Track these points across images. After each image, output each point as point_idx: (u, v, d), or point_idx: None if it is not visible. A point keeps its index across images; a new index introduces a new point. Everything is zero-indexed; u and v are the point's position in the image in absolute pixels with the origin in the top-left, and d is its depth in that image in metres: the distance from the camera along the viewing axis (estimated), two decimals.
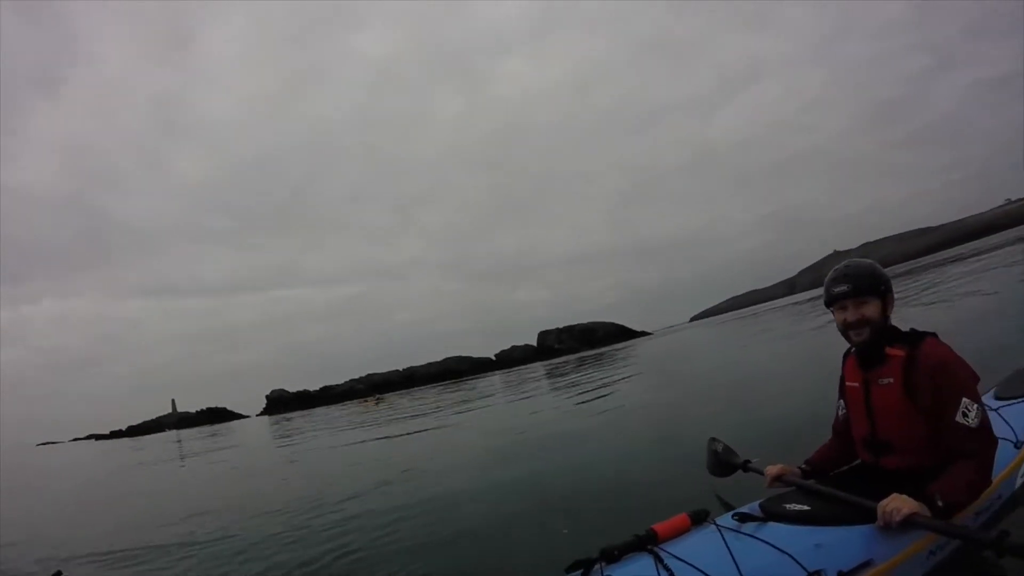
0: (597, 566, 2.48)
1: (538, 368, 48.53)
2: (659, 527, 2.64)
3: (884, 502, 2.36)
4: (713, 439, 4.05)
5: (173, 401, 78.40)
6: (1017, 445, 3.11)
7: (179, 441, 38.45)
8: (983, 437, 2.52)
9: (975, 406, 2.50)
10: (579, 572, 2.49)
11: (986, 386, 3.73)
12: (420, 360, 79.55)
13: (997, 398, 3.78)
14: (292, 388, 72.64)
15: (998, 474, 2.76)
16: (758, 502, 2.80)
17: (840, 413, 3.12)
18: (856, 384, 2.90)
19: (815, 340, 15.28)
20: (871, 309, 2.73)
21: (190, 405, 75.25)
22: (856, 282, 2.75)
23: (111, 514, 10.10)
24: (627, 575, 2.41)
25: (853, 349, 2.92)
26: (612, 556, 2.52)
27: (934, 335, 2.73)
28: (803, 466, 3.18)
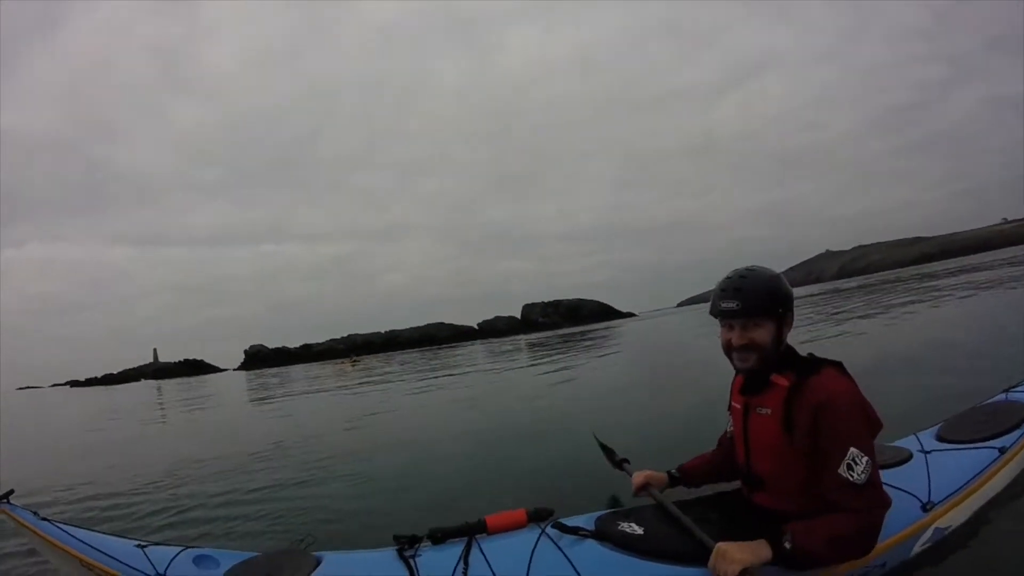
0: (421, 544, 2.53)
1: (520, 341, 48.88)
2: (492, 518, 2.58)
3: (720, 547, 2.05)
4: (594, 434, 3.83)
5: (155, 351, 78.85)
6: (926, 507, 2.63)
7: (159, 390, 38.62)
8: (868, 497, 2.12)
9: (864, 459, 2.11)
10: (401, 546, 2.51)
11: (922, 427, 3.51)
12: (403, 324, 79.82)
13: (938, 438, 3.35)
14: (272, 344, 73.10)
15: (890, 536, 2.39)
16: (597, 514, 2.64)
17: (728, 429, 2.74)
18: (739, 407, 2.55)
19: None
20: (762, 333, 2.31)
21: (171, 356, 75.65)
22: (748, 300, 2.30)
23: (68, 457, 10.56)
24: (435, 559, 2.44)
25: None
26: (436, 538, 2.54)
27: (837, 364, 2.32)
28: (673, 471, 2.93)
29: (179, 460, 8.11)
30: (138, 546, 2.92)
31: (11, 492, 3.28)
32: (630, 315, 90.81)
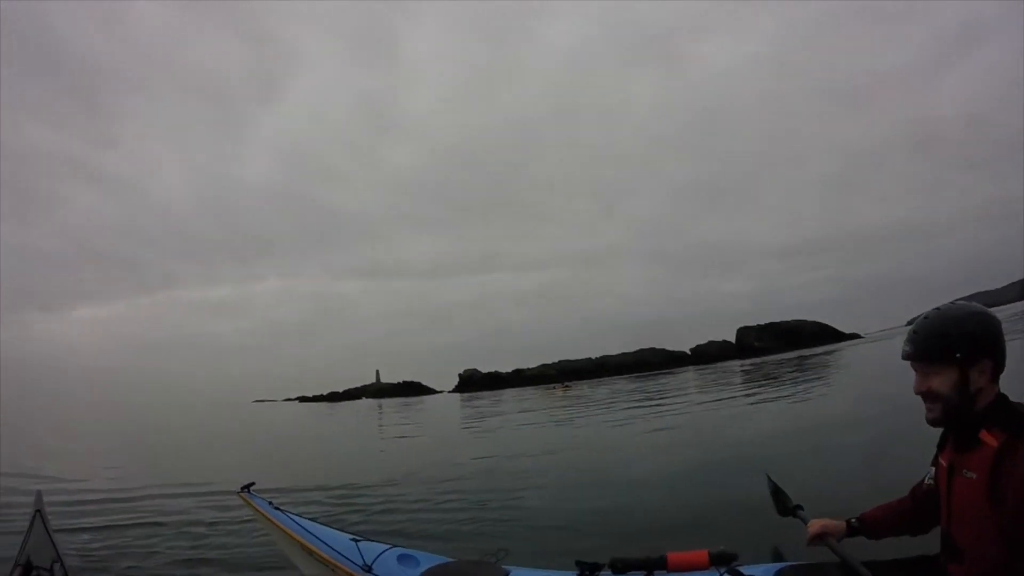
0: (601, 572, 2.55)
1: (733, 367, 46.80)
2: (673, 556, 2.50)
3: None
4: (768, 476, 3.45)
5: (377, 372, 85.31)
6: None
7: (380, 408, 42.35)
8: None
9: None
10: (582, 571, 2.58)
11: None
12: (613, 349, 79.45)
13: None
14: (484, 368, 76.41)
15: None
16: (779, 566, 2.49)
17: (927, 481, 2.32)
18: (944, 464, 2.12)
19: None
20: (940, 382, 1.96)
21: (391, 377, 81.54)
22: (921, 343, 1.99)
23: (294, 457, 12.44)
24: None
25: None
26: (617, 567, 2.50)
27: None
28: (853, 521, 2.51)
29: (394, 468, 9.21)
30: (352, 539, 3.47)
31: (252, 484, 4.07)
32: (854, 336, 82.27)
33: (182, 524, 6.27)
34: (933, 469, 2.24)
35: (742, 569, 2.43)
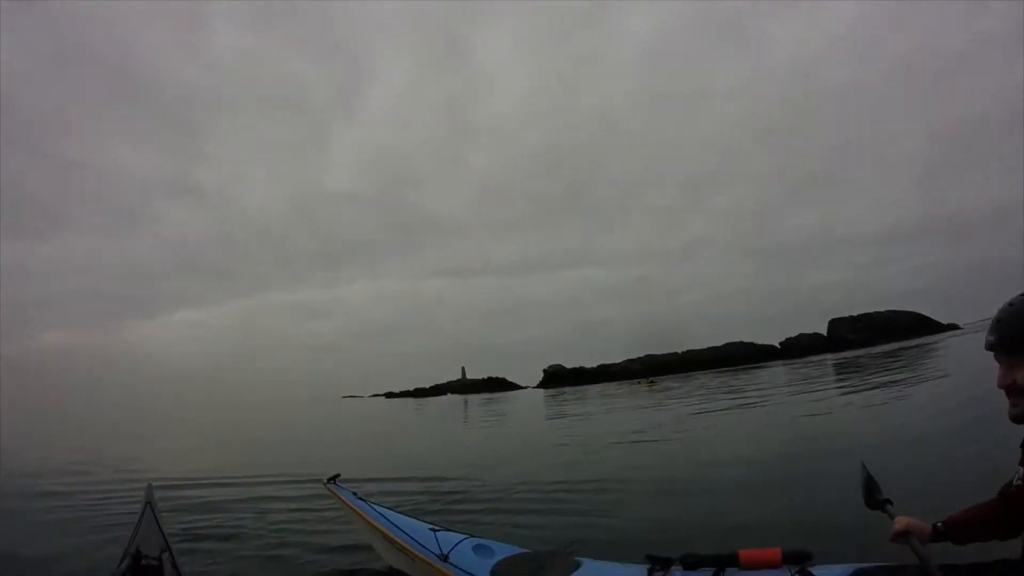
0: (672, 567, 2.56)
1: (826, 361, 45.17)
2: (745, 553, 2.48)
3: None
4: (863, 464, 3.16)
5: (463, 368, 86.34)
6: None
7: (464, 403, 43.16)
8: None
9: None
10: (652, 566, 2.59)
11: None
12: (700, 344, 77.67)
13: None
14: (569, 364, 76.24)
15: None
16: (855, 567, 2.38)
17: (1016, 482, 2.09)
18: None
19: None
20: None
21: (476, 373, 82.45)
22: (1005, 333, 1.80)
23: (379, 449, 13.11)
24: None
25: None
26: (688, 563, 2.53)
27: None
28: (939, 525, 2.33)
29: (473, 461, 9.45)
30: (431, 529, 3.62)
31: (338, 475, 4.34)
32: (952, 327, 77.19)
33: (272, 512, 6.69)
34: (1021, 469, 2.04)
35: (815, 570, 2.37)
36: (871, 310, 77.61)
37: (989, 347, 1.85)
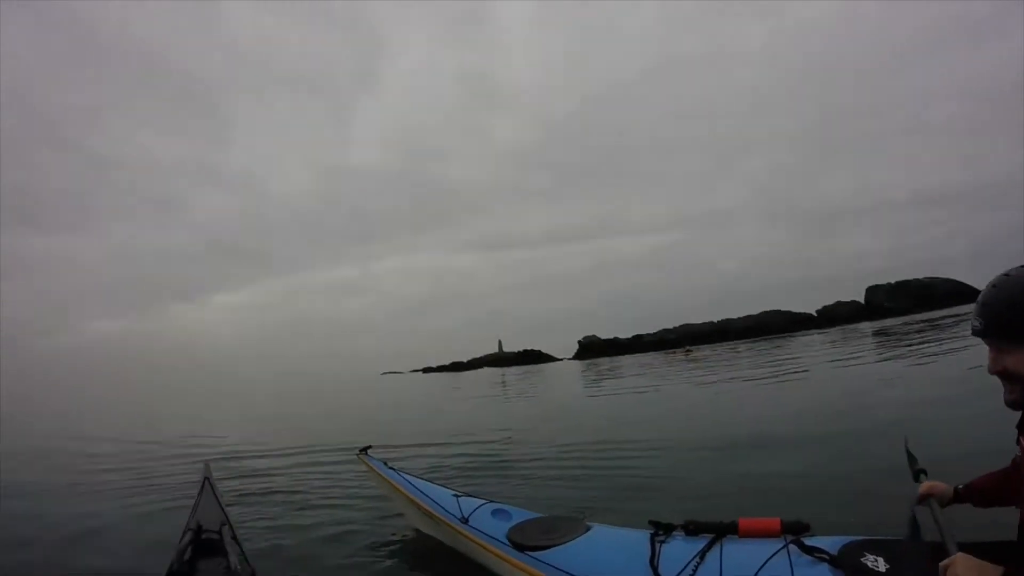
0: (674, 533, 2.74)
1: (864, 329, 44.43)
2: (745, 522, 2.58)
3: (959, 558, 1.63)
4: (906, 438, 3.22)
5: (500, 342, 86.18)
6: None
7: (502, 376, 43.61)
8: None
9: None
10: (655, 531, 2.77)
11: None
12: (736, 312, 76.56)
13: None
14: (604, 335, 75.86)
15: None
16: (846, 539, 2.40)
17: (1017, 455, 2.05)
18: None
19: None
20: (1016, 362, 1.67)
21: (512, 346, 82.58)
22: (990, 318, 1.70)
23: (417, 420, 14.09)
24: (678, 548, 2.62)
25: None
26: (689, 529, 2.70)
27: None
28: (959, 488, 2.35)
29: (502, 431, 9.94)
30: (454, 495, 4.04)
31: (370, 446, 4.83)
32: None
33: (313, 478, 7.30)
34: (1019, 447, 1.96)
35: (810, 540, 2.40)
36: (909, 277, 75.65)
37: (975, 332, 1.76)
